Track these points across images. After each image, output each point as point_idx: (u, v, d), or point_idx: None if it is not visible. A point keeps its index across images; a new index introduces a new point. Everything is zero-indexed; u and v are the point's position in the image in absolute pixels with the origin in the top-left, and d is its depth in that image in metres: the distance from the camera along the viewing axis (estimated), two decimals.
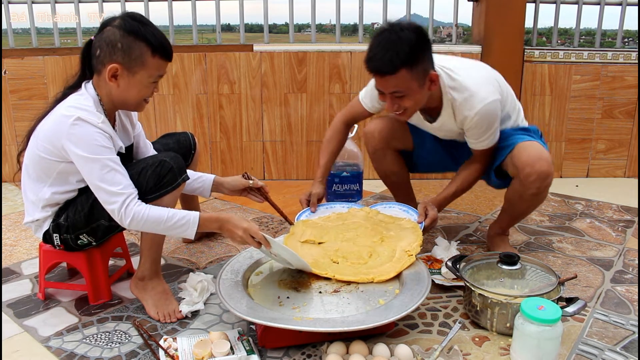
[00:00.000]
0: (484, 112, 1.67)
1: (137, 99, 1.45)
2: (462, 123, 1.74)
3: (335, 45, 2.95)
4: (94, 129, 1.35)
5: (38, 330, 1.47)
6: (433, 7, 3.09)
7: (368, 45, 1.59)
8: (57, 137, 1.37)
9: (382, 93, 1.64)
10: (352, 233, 1.71)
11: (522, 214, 1.92)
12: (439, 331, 1.46)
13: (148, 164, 1.45)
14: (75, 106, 1.38)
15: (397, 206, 1.89)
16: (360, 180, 2.38)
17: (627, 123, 3.10)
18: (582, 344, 1.41)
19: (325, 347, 1.34)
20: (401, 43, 1.52)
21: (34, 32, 2.96)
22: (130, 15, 1.40)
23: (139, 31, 1.37)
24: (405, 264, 1.51)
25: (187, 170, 1.62)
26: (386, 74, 1.55)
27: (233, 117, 3.00)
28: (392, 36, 1.53)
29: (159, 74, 1.43)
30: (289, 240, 1.70)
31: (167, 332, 1.46)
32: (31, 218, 1.52)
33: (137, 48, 1.37)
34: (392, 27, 1.55)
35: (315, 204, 1.92)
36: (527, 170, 1.66)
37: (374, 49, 1.56)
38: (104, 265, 1.64)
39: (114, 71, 1.38)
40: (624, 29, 3.11)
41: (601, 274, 1.84)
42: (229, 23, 3.76)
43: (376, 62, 1.55)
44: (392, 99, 1.62)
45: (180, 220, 1.38)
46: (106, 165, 1.35)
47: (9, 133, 2.97)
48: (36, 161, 1.45)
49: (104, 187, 1.35)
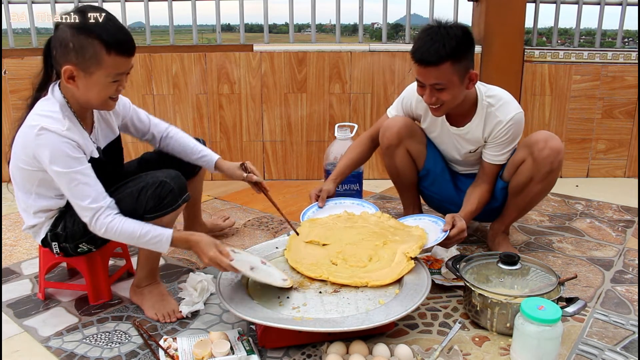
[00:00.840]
0: (517, 119, 1.78)
1: (99, 99, 1.36)
2: (492, 131, 1.81)
3: (335, 45, 2.95)
4: (58, 139, 1.30)
5: (38, 330, 1.47)
6: (433, 7, 3.09)
7: (415, 38, 1.69)
8: (28, 148, 1.34)
9: (421, 86, 1.70)
10: (357, 236, 1.70)
11: (529, 203, 1.90)
12: (439, 331, 1.46)
13: (148, 183, 1.41)
14: (40, 114, 1.33)
15: (427, 217, 1.85)
16: (360, 180, 2.38)
17: (627, 123, 3.10)
18: (582, 344, 1.41)
19: (325, 347, 1.34)
20: (449, 37, 1.60)
21: (34, 32, 2.96)
22: (81, 10, 1.29)
23: (90, 28, 1.27)
24: (403, 271, 1.49)
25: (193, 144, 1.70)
26: (430, 65, 1.61)
27: (233, 117, 3.00)
28: (440, 30, 1.62)
29: (118, 72, 1.33)
30: (295, 239, 1.70)
31: (167, 332, 1.46)
32: (27, 224, 1.50)
33: (89, 47, 1.27)
34: (441, 24, 1.65)
35: (324, 200, 1.93)
36: (540, 145, 1.73)
37: (420, 41, 1.64)
38: (104, 265, 1.64)
39: (69, 73, 1.30)
40: (624, 29, 3.11)
41: (601, 274, 1.84)
42: (229, 23, 3.77)
43: (423, 52, 1.62)
44: (431, 91, 1.68)
45: (153, 239, 1.36)
46: (74, 179, 1.31)
47: (9, 133, 2.96)
48: (18, 171, 1.42)
49: (74, 201, 1.35)
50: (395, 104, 2.01)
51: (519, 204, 1.89)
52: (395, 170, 2.05)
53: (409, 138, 1.96)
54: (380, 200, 2.68)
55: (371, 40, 3.32)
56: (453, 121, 1.88)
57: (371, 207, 1.92)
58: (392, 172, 2.09)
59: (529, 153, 1.77)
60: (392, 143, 1.96)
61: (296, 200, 2.69)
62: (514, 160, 1.83)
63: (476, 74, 1.70)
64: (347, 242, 1.67)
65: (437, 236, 1.68)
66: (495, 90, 1.83)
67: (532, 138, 1.77)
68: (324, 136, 3.04)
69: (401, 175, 2.05)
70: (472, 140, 1.87)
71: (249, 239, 2.17)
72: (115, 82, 1.35)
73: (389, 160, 2.04)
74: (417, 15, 3.79)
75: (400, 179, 2.09)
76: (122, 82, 1.38)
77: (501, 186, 1.90)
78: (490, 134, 1.82)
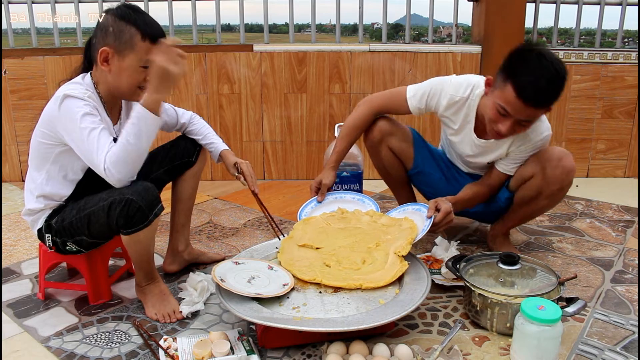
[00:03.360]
0: (545, 140, 1.74)
1: (129, 84, 1.44)
2: (520, 146, 1.75)
3: (335, 45, 2.95)
4: (80, 101, 1.37)
5: (38, 330, 1.47)
6: (433, 7, 3.09)
7: (523, 65, 1.51)
8: (50, 118, 1.41)
9: (504, 115, 1.57)
10: (350, 239, 1.68)
11: (533, 214, 1.90)
12: (439, 331, 1.46)
13: (116, 200, 1.37)
14: (65, 88, 1.41)
15: (410, 206, 1.83)
16: (360, 180, 2.38)
17: (627, 123, 3.10)
18: (582, 344, 1.41)
19: (325, 347, 1.34)
20: (559, 81, 1.51)
21: (34, 32, 2.96)
22: (125, 4, 1.44)
23: (130, 16, 1.40)
24: (397, 274, 1.48)
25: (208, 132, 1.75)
26: (537, 107, 1.53)
27: (233, 117, 3.00)
28: (558, 76, 1.50)
29: (149, 58, 1.40)
30: (288, 242, 1.69)
31: (167, 332, 1.46)
32: (27, 208, 1.53)
33: (127, 32, 1.39)
34: (551, 58, 1.51)
35: (324, 194, 1.91)
36: (553, 163, 1.71)
37: (535, 77, 1.49)
38: (104, 265, 1.64)
39: (105, 54, 1.40)
40: (624, 29, 3.11)
41: (601, 274, 1.84)
42: (229, 23, 3.76)
43: (537, 93, 1.50)
44: (515, 124, 1.59)
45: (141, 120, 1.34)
46: (85, 129, 1.35)
47: (9, 133, 2.97)
48: (35, 147, 1.48)
49: (87, 148, 1.35)
50: (419, 93, 1.82)
51: (523, 214, 1.89)
52: (383, 168, 2.05)
53: (390, 135, 1.95)
54: (380, 200, 2.68)
55: (371, 40, 3.32)
56: (481, 132, 1.79)
57: (371, 203, 1.91)
58: (381, 170, 2.09)
59: (541, 169, 1.73)
60: (374, 140, 1.95)
61: (296, 200, 2.68)
62: (523, 173, 1.79)
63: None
64: (341, 246, 1.65)
65: (424, 224, 1.65)
66: None
67: (546, 154, 1.73)
68: (324, 136, 3.04)
69: (390, 172, 2.05)
70: (495, 154, 1.82)
71: (249, 239, 2.17)
72: (145, 68, 1.42)
73: (375, 159, 2.04)
74: (417, 15, 3.79)
75: (390, 177, 2.09)
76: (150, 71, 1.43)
77: (506, 196, 1.89)
78: (515, 149, 1.77)
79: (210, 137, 1.80)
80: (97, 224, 1.42)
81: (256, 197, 1.75)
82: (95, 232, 1.45)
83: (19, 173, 3.03)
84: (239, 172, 1.74)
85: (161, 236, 2.13)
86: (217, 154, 1.78)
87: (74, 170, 1.49)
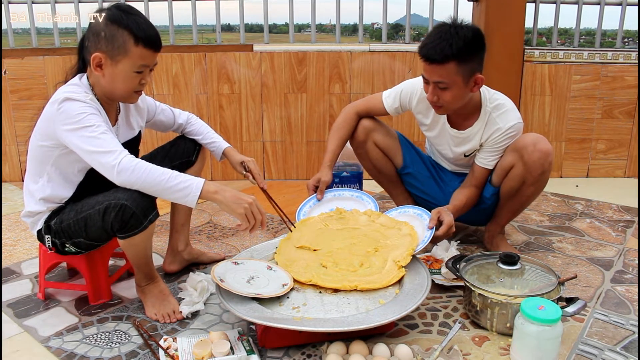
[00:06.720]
0: (516, 129, 1.79)
1: (123, 89, 1.42)
2: (489, 137, 1.81)
3: (335, 45, 2.95)
4: (81, 104, 1.35)
5: (38, 330, 1.47)
6: (433, 7, 3.09)
7: (426, 34, 1.72)
8: (49, 120, 1.38)
9: (426, 82, 1.71)
10: (348, 241, 1.67)
11: (522, 205, 1.91)
12: (439, 331, 1.46)
13: (111, 204, 1.36)
14: (64, 90, 1.39)
15: (412, 210, 1.82)
16: (360, 180, 2.38)
17: (627, 123, 3.10)
18: (582, 344, 1.41)
19: (325, 347, 1.34)
20: (457, 37, 1.61)
21: (34, 32, 2.96)
22: (117, 6, 1.40)
23: (122, 20, 1.36)
24: (393, 279, 1.47)
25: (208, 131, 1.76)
26: (435, 62, 1.63)
27: (233, 117, 3.00)
28: (450, 29, 1.62)
29: (143, 63, 1.40)
30: (286, 243, 1.68)
31: (167, 332, 1.46)
32: (26, 210, 1.53)
33: (119, 36, 1.35)
34: (453, 23, 1.65)
35: (323, 192, 1.92)
36: (529, 149, 1.73)
37: (430, 37, 1.65)
38: (104, 265, 1.64)
39: (98, 60, 1.38)
40: (624, 29, 3.11)
41: (601, 274, 1.84)
42: (229, 23, 3.77)
43: (429, 49, 1.63)
44: (434, 89, 1.69)
45: (182, 183, 1.33)
46: (94, 130, 1.33)
47: (9, 133, 2.97)
48: (34, 150, 1.47)
49: (93, 149, 1.33)
50: (393, 93, 1.96)
51: (512, 207, 1.90)
52: (373, 168, 2.07)
53: (374, 131, 1.98)
54: (380, 200, 2.67)
55: (371, 40, 3.32)
56: (454, 123, 1.88)
57: (369, 200, 1.91)
58: (371, 171, 2.11)
59: (519, 157, 1.76)
60: (360, 139, 1.99)
61: (296, 200, 2.68)
62: (503, 165, 1.82)
63: (482, 78, 1.70)
64: (338, 247, 1.65)
65: (425, 234, 1.66)
66: (499, 96, 1.83)
67: (520, 142, 1.77)
68: (324, 136, 3.04)
69: (380, 170, 2.07)
70: (470, 144, 1.87)
71: (249, 239, 2.17)
72: (139, 73, 1.41)
73: (364, 159, 2.07)
74: (417, 15, 3.79)
75: (382, 176, 2.10)
76: (145, 75, 1.44)
77: (492, 192, 1.90)
78: (487, 139, 1.83)
79: (211, 136, 1.79)
80: (94, 227, 1.42)
81: (265, 193, 1.74)
82: (92, 235, 1.45)
83: (19, 173, 3.03)
84: (246, 170, 1.74)
85: (161, 236, 2.13)
86: (219, 152, 1.77)
87: (74, 172, 1.48)
